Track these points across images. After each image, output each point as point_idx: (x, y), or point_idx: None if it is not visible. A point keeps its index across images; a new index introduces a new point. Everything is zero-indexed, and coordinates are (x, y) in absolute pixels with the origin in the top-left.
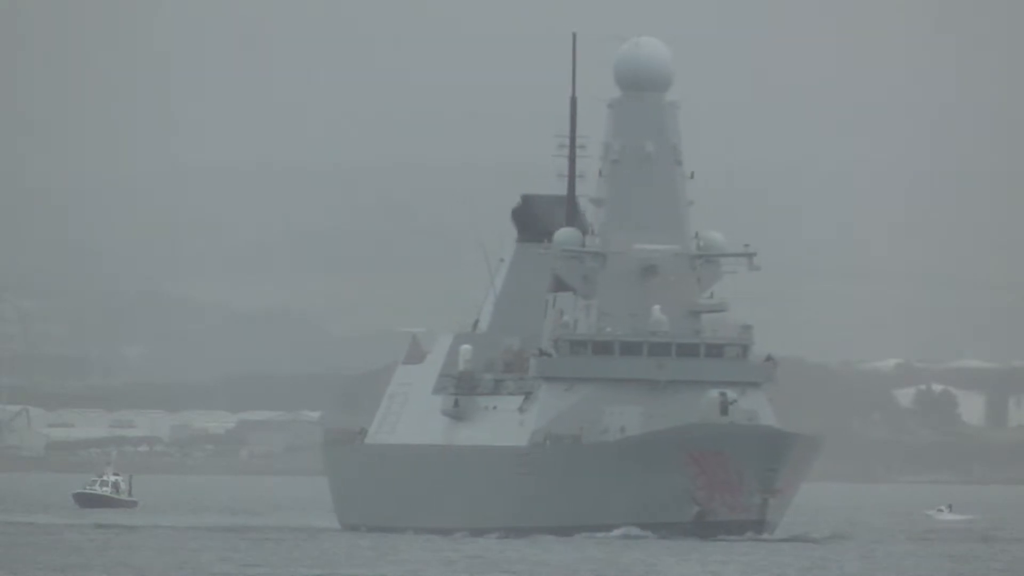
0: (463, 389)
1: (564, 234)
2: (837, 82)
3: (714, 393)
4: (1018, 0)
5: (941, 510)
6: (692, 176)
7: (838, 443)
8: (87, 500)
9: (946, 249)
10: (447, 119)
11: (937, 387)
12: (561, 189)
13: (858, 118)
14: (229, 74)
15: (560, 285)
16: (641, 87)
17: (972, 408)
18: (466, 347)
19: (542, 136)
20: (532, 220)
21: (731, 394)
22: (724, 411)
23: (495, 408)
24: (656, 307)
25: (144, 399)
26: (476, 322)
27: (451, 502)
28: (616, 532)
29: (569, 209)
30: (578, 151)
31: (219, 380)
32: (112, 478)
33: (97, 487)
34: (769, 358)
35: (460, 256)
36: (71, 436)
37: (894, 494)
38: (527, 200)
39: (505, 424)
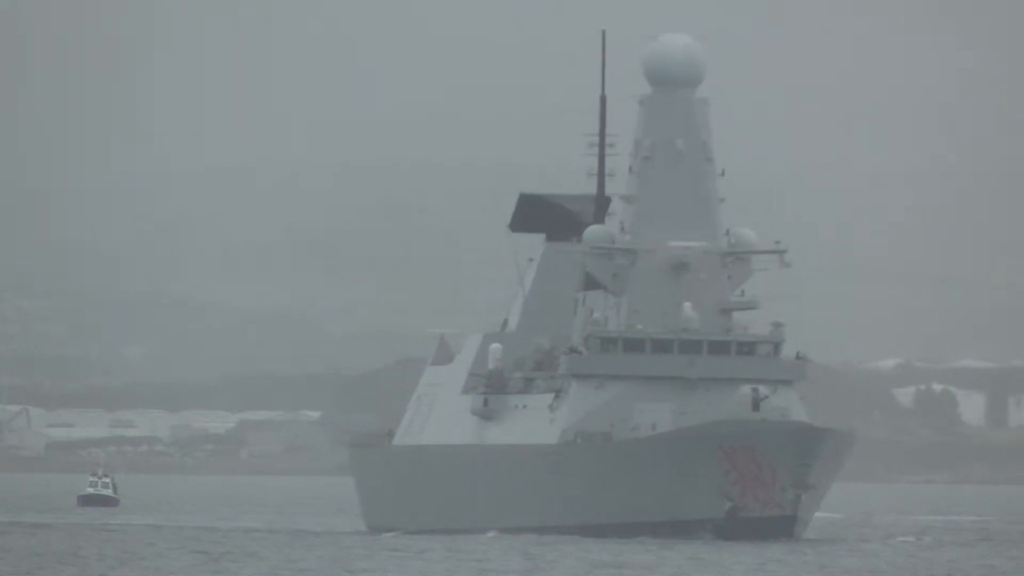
0: (492, 388)
1: (594, 231)
2: (836, 82)
3: (746, 389)
4: (1018, 0)
5: None
6: (723, 173)
7: None
8: (94, 500)
9: (946, 249)
10: (447, 119)
11: (937, 387)
12: (590, 188)
13: (858, 118)
14: (229, 74)
15: (590, 283)
16: (672, 83)
17: (972, 408)
18: (496, 346)
19: (542, 135)
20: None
21: (763, 390)
22: (756, 407)
23: (525, 407)
24: (687, 304)
25: (144, 399)
26: (505, 322)
27: (481, 502)
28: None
29: (599, 206)
30: (596, 148)
31: (219, 380)
32: (104, 479)
33: (99, 487)
34: (799, 356)
35: (460, 256)
36: (71, 436)
37: (892, 494)
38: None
39: (535, 422)
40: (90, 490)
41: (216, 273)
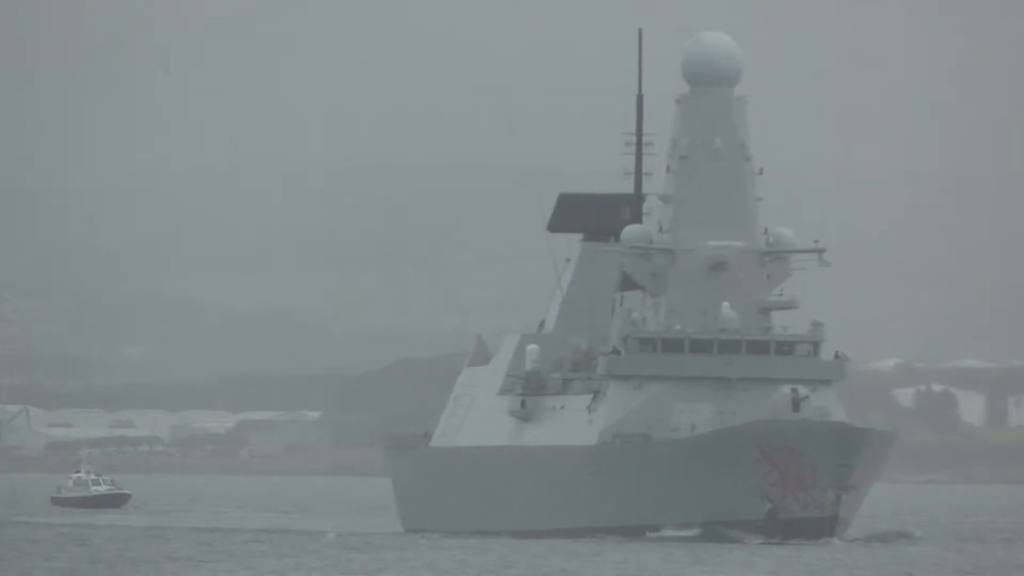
0: (530, 389)
1: (632, 231)
2: (837, 82)
3: (785, 389)
4: (1018, 0)
5: None
6: (761, 172)
7: None
8: (106, 502)
9: (946, 249)
10: (448, 119)
11: (937, 387)
12: (628, 187)
13: (858, 118)
14: (229, 74)
15: (628, 283)
16: (710, 82)
17: (972, 408)
18: (533, 347)
19: (548, 136)
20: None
21: (803, 390)
22: (796, 407)
23: (563, 408)
24: (725, 304)
25: (144, 399)
26: (542, 323)
27: (519, 504)
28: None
29: (635, 206)
30: (632, 147)
31: (219, 380)
32: (103, 476)
33: (107, 485)
34: (838, 355)
35: (459, 256)
36: (71, 436)
37: (893, 495)
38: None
39: (573, 424)
40: (97, 489)
41: (216, 273)
